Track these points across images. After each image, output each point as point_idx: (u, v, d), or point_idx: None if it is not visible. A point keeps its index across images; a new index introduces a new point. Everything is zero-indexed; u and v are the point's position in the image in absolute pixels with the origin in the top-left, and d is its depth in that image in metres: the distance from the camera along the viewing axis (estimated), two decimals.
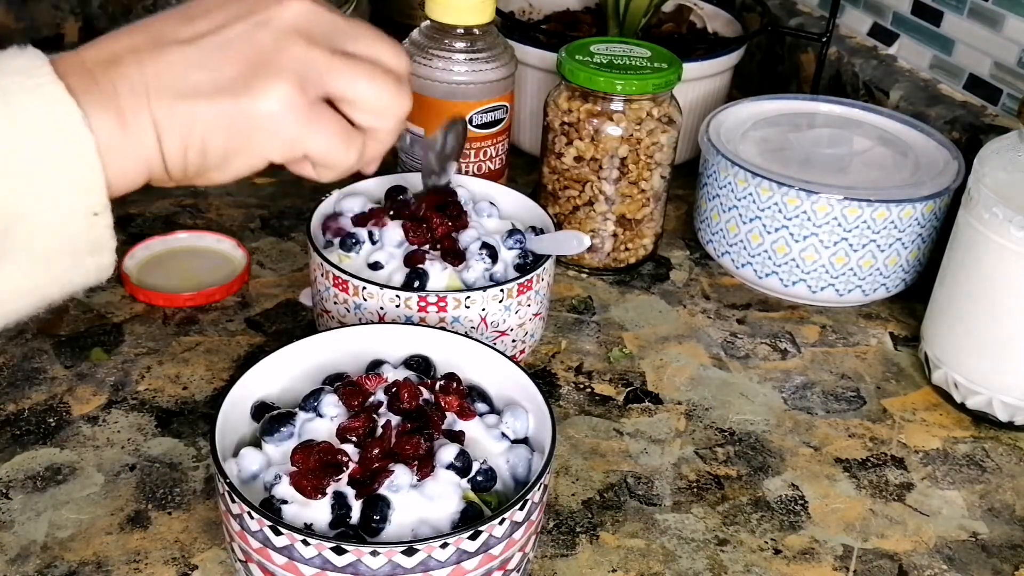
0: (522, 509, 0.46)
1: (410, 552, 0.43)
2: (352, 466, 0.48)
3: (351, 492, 0.47)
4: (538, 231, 0.68)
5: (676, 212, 0.89)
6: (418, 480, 0.48)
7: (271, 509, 0.47)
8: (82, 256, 0.40)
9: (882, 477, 0.62)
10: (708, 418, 0.66)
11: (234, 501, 0.45)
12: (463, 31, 0.75)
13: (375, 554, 0.43)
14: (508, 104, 0.78)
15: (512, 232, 0.67)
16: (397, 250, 0.65)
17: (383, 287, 0.61)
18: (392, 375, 0.54)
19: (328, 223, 0.67)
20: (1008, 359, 0.64)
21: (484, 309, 0.62)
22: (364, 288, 0.61)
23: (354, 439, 0.49)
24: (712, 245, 0.80)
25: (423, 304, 0.61)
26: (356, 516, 0.47)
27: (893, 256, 0.74)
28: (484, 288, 0.61)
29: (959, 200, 0.67)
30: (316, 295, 0.66)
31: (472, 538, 0.44)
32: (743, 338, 0.74)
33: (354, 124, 0.45)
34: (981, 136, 0.79)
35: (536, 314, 0.66)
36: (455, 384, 0.53)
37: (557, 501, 0.59)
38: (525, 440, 0.53)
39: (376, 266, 0.64)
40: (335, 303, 0.63)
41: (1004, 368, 0.64)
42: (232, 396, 0.51)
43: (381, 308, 0.61)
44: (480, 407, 0.54)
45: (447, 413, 0.52)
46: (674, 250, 0.84)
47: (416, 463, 0.48)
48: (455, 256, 0.64)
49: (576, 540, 0.56)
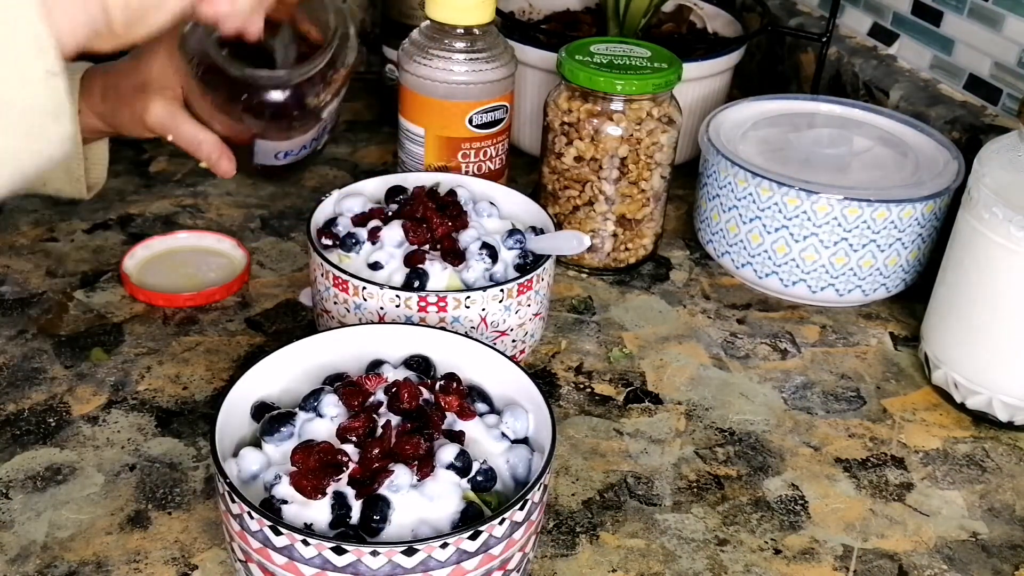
0: (522, 509, 0.46)
1: (410, 552, 0.43)
2: (352, 466, 0.48)
3: (351, 492, 0.47)
4: (538, 231, 0.68)
5: (676, 212, 0.89)
6: (418, 480, 0.48)
7: (271, 509, 0.47)
8: (46, 120, 0.42)
9: (882, 477, 0.62)
10: (708, 418, 0.66)
11: (234, 501, 0.45)
12: (463, 31, 0.75)
13: (375, 554, 0.43)
14: (508, 104, 0.78)
15: (512, 232, 0.67)
16: (397, 250, 0.65)
17: (383, 287, 0.61)
18: (392, 375, 0.54)
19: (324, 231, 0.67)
20: (1008, 359, 0.64)
21: (484, 309, 0.62)
22: (364, 288, 0.61)
23: (354, 439, 0.49)
24: (712, 245, 0.80)
25: (423, 304, 0.61)
26: (356, 516, 0.47)
27: (893, 256, 0.74)
28: (484, 288, 0.61)
29: (959, 200, 0.67)
30: (316, 295, 0.66)
31: (472, 538, 0.44)
32: (743, 338, 0.74)
33: None
34: (981, 136, 0.79)
35: (536, 314, 0.66)
36: (455, 384, 0.53)
37: (557, 501, 0.59)
38: (525, 440, 0.53)
39: (376, 266, 0.64)
40: (335, 303, 0.63)
41: (1004, 368, 0.64)
42: (232, 396, 0.51)
43: (381, 308, 0.61)
44: (480, 407, 0.54)
45: (447, 413, 0.52)
46: (674, 250, 0.84)
47: (416, 463, 0.48)
48: (455, 256, 0.64)
49: (576, 540, 0.56)
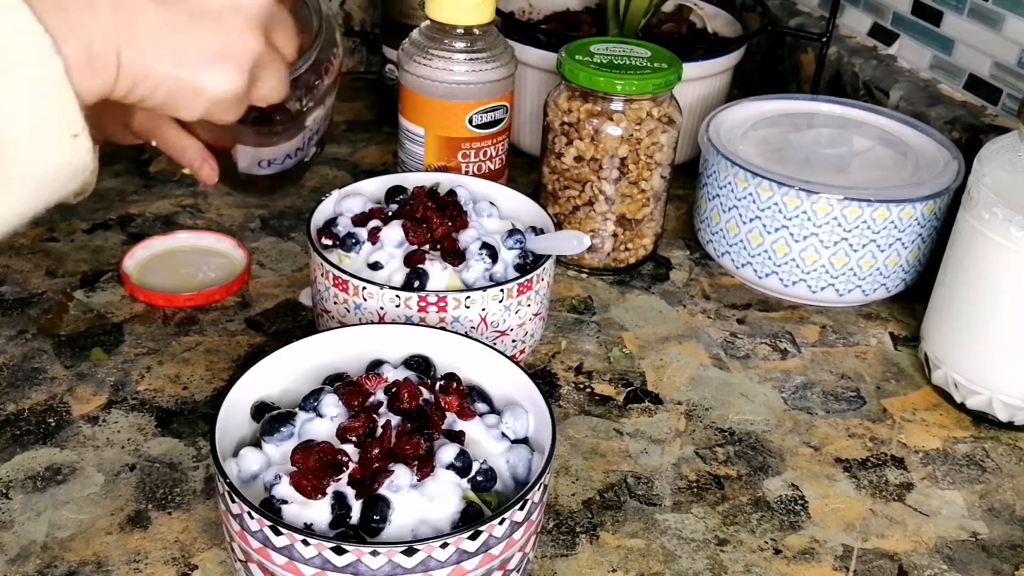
0: (522, 509, 0.46)
1: (410, 552, 0.43)
2: (352, 466, 0.48)
3: (351, 492, 0.47)
4: (538, 231, 0.68)
5: (676, 212, 0.89)
6: (418, 480, 0.48)
7: (271, 509, 0.47)
8: (67, 180, 0.42)
9: (882, 477, 0.62)
10: (708, 418, 0.66)
11: (234, 501, 0.45)
12: (463, 31, 0.75)
13: (375, 554, 0.43)
14: (508, 104, 0.78)
15: (512, 232, 0.67)
16: (397, 250, 0.65)
17: (383, 287, 0.61)
18: (392, 375, 0.54)
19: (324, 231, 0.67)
20: (1008, 359, 0.64)
21: (484, 309, 0.62)
22: (364, 288, 0.61)
23: (354, 439, 0.49)
24: (712, 245, 0.80)
25: (423, 304, 0.61)
26: (356, 516, 0.47)
27: (893, 256, 0.74)
28: (484, 288, 0.61)
29: (959, 200, 0.67)
30: (316, 295, 0.66)
31: (472, 538, 0.44)
32: (743, 338, 0.74)
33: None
34: (981, 136, 0.79)
35: (536, 314, 0.66)
36: (455, 384, 0.53)
37: (557, 501, 0.59)
38: (525, 440, 0.53)
39: (376, 266, 0.64)
40: (335, 303, 0.63)
41: (1004, 368, 0.64)
42: (232, 396, 0.51)
43: (381, 308, 0.61)
44: (480, 407, 0.54)
45: (447, 413, 0.52)
46: (674, 250, 0.84)
47: (416, 463, 0.48)
48: (455, 256, 0.64)
49: (576, 540, 0.56)
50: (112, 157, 0.75)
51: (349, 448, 0.49)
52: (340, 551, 0.43)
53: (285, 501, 0.47)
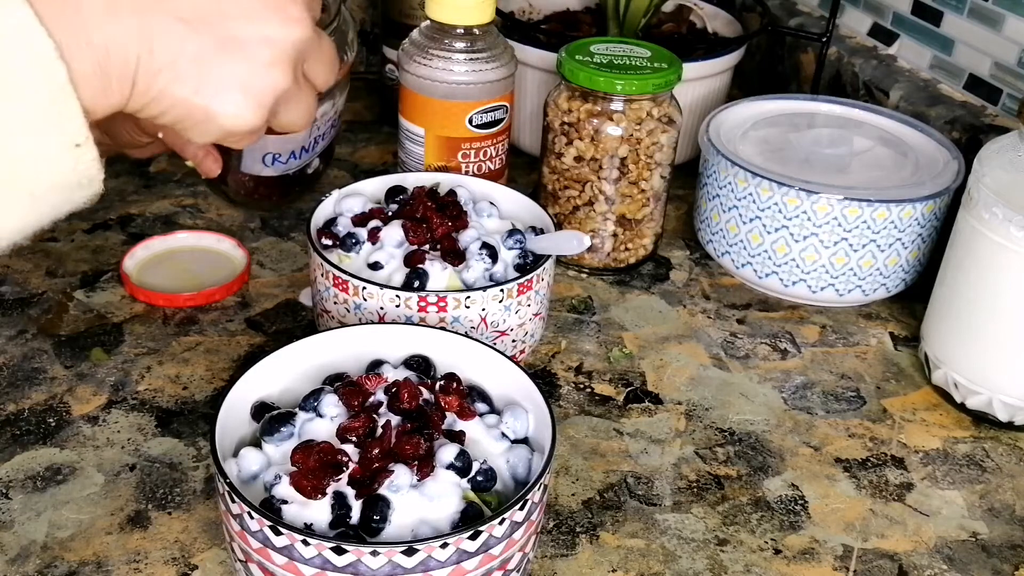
0: (522, 509, 0.46)
1: (410, 552, 0.43)
2: (352, 466, 0.48)
3: (351, 492, 0.47)
4: (538, 231, 0.68)
5: (676, 212, 0.89)
6: (418, 480, 0.48)
7: (271, 509, 0.47)
8: (72, 191, 0.41)
9: (882, 477, 0.62)
10: (708, 418, 0.66)
11: (234, 501, 0.45)
12: (463, 31, 0.75)
13: (375, 554, 0.43)
14: (508, 104, 0.78)
15: (512, 232, 0.67)
16: (397, 250, 0.65)
17: (383, 287, 0.61)
18: (392, 375, 0.54)
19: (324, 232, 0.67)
20: (1008, 359, 0.64)
21: (484, 309, 0.62)
22: (364, 288, 0.61)
23: (354, 439, 0.49)
24: (712, 245, 0.80)
25: (423, 304, 0.61)
26: (356, 516, 0.47)
27: (893, 256, 0.74)
28: (484, 288, 0.61)
29: (959, 200, 0.67)
30: (316, 295, 0.66)
31: (472, 538, 0.44)
32: (743, 338, 0.74)
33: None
34: (981, 136, 0.79)
35: (536, 314, 0.66)
36: (455, 384, 0.53)
37: (557, 501, 0.59)
38: (525, 440, 0.53)
39: (376, 266, 0.64)
40: (335, 303, 0.63)
41: (1004, 368, 0.64)
42: (232, 396, 0.51)
43: (381, 308, 0.61)
44: (480, 407, 0.54)
45: (447, 413, 0.52)
46: (674, 250, 0.84)
47: (416, 463, 0.48)
48: (455, 256, 0.64)
49: (576, 540, 0.56)
50: (113, 157, 0.75)
51: (349, 448, 0.49)
52: (340, 551, 0.43)
53: (285, 501, 0.47)
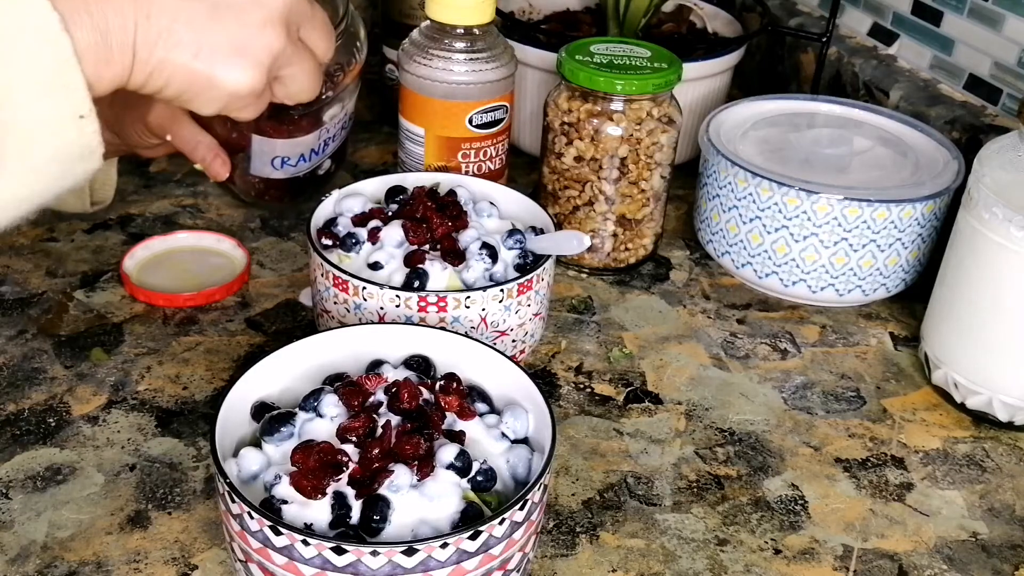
0: (522, 509, 0.46)
1: (410, 552, 0.43)
2: (352, 466, 0.48)
3: (351, 492, 0.47)
4: (538, 231, 0.68)
5: (676, 212, 0.89)
6: (418, 480, 0.48)
7: (271, 509, 0.47)
8: (73, 162, 0.41)
9: (882, 477, 0.62)
10: (708, 418, 0.66)
11: (234, 501, 0.45)
12: (463, 31, 0.75)
13: (375, 554, 0.43)
14: (508, 104, 0.78)
15: (512, 232, 0.67)
16: (397, 250, 0.65)
17: (383, 287, 0.61)
18: (392, 375, 0.54)
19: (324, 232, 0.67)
20: (1008, 359, 0.64)
21: (484, 309, 0.62)
22: (364, 288, 0.61)
23: (354, 439, 0.49)
24: (712, 245, 0.80)
25: (423, 304, 0.61)
26: (356, 516, 0.47)
27: (893, 256, 0.74)
28: (484, 288, 0.61)
29: (959, 200, 0.67)
30: (316, 295, 0.66)
31: (472, 538, 0.44)
32: (743, 338, 0.74)
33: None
34: (981, 136, 0.79)
35: (536, 314, 0.66)
36: (455, 384, 0.53)
37: (557, 501, 0.59)
38: (525, 440, 0.53)
39: (376, 266, 0.64)
40: (335, 303, 0.63)
41: (1004, 368, 0.64)
42: (232, 396, 0.51)
43: (381, 308, 0.61)
44: (480, 407, 0.54)
45: (447, 413, 0.52)
46: (674, 250, 0.84)
47: (416, 463, 0.48)
48: (455, 256, 0.64)
49: (576, 540, 0.56)
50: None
51: (349, 448, 0.49)
52: (340, 551, 0.43)
53: (285, 501, 0.47)
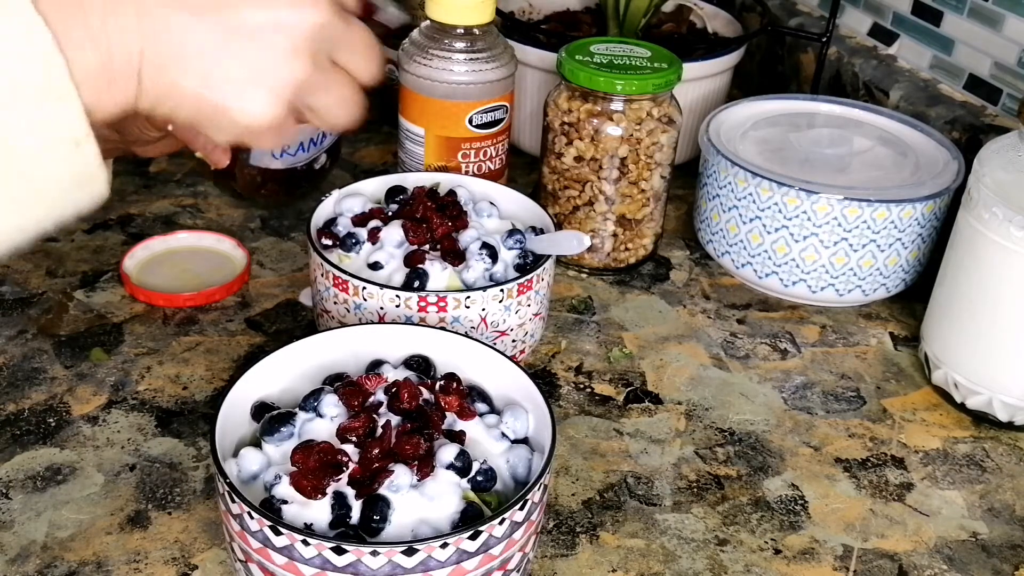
0: (522, 509, 0.46)
1: (410, 552, 0.43)
2: (352, 466, 0.48)
3: (351, 492, 0.47)
4: (538, 231, 0.68)
5: (676, 212, 0.89)
6: (418, 480, 0.48)
7: (271, 509, 0.47)
8: (71, 189, 0.38)
9: (882, 477, 0.62)
10: (708, 418, 0.66)
11: (234, 501, 0.45)
12: (463, 31, 0.75)
13: (375, 554, 0.43)
14: (508, 104, 0.78)
15: (512, 232, 0.67)
16: (397, 250, 0.65)
17: (383, 287, 0.61)
18: (392, 375, 0.54)
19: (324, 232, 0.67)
20: (1008, 359, 0.64)
21: (484, 309, 0.62)
22: (364, 288, 0.61)
23: (354, 439, 0.49)
24: (712, 245, 0.80)
25: (423, 304, 0.61)
26: (356, 516, 0.47)
27: (893, 256, 0.74)
28: (484, 288, 0.61)
29: (959, 200, 0.67)
30: (316, 295, 0.66)
31: (472, 538, 0.44)
32: (743, 338, 0.74)
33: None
34: (981, 136, 0.79)
35: (536, 314, 0.66)
36: (455, 384, 0.53)
37: (557, 501, 0.59)
38: (525, 440, 0.53)
39: (376, 266, 0.64)
40: (335, 303, 0.63)
41: (1004, 368, 0.64)
42: (232, 396, 0.51)
43: (381, 308, 0.61)
44: (480, 407, 0.54)
45: (447, 413, 0.52)
46: (674, 250, 0.84)
47: (416, 463, 0.48)
48: (455, 256, 0.64)
49: (576, 540, 0.56)
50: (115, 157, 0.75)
51: (349, 448, 0.49)
52: (340, 551, 0.43)
53: (285, 501, 0.47)
